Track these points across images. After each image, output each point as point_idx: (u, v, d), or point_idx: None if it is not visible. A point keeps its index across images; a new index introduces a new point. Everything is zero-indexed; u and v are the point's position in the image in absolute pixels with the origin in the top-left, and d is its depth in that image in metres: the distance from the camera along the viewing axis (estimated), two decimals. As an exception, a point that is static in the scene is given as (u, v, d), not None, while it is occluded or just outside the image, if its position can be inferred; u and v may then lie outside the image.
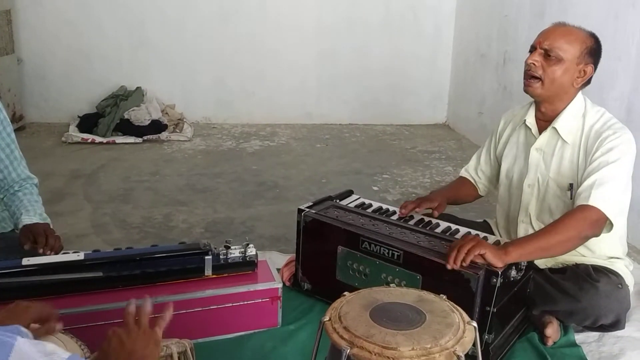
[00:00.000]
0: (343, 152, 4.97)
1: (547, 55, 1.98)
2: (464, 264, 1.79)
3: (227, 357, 1.90)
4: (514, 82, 4.47)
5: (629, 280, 2.11)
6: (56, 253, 1.93)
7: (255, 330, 2.03)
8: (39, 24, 5.30)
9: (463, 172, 2.50)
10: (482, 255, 1.79)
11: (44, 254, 1.89)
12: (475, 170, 2.45)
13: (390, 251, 1.98)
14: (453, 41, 5.90)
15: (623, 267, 2.12)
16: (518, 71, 2.09)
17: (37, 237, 1.92)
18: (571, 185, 2.04)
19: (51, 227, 2.05)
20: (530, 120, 2.17)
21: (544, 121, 2.13)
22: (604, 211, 1.88)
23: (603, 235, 1.99)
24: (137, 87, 5.40)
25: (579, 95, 2.08)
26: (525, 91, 2.08)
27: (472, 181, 2.46)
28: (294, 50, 5.71)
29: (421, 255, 1.90)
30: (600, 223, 1.91)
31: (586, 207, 1.89)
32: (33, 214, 2.01)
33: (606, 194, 1.90)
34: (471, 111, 5.47)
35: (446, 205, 2.32)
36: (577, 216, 1.90)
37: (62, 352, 0.70)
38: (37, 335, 1.24)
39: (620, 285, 2.03)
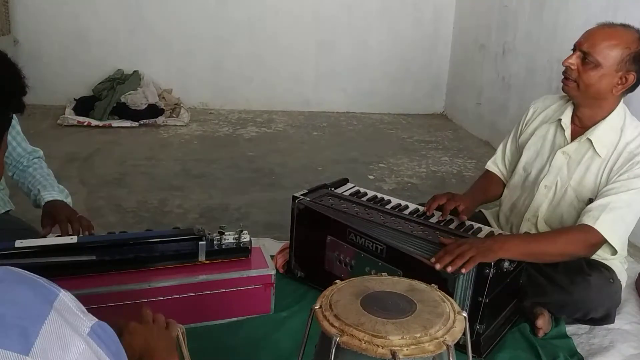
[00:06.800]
0: (340, 141, 4.96)
1: (584, 58, 1.87)
2: (455, 268, 1.75)
3: (219, 342, 1.90)
4: (513, 74, 4.46)
5: (622, 276, 2.10)
6: (89, 232, 1.97)
7: (248, 317, 2.04)
8: (35, 5, 5.24)
9: (490, 165, 2.37)
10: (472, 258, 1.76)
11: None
12: (502, 160, 2.34)
13: (375, 244, 1.97)
14: (452, 31, 5.88)
15: (617, 263, 2.10)
16: (517, 62, 2.07)
17: (60, 223, 1.92)
18: (591, 200, 1.96)
19: (69, 201, 2.04)
20: (566, 121, 2.04)
21: (580, 127, 2.03)
22: (607, 238, 1.85)
23: None
24: (134, 71, 5.37)
25: (620, 105, 1.96)
26: (563, 90, 1.99)
27: (500, 174, 2.34)
28: (292, 37, 5.68)
29: (403, 252, 1.90)
30: (597, 247, 1.90)
31: (590, 229, 1.85)
32: (50, 188, 1.99)
33: (615, 221, 1.85)
34: (469, 101, 5.46)
35: (474, 209, 2.23)
36: (579, 236, 1.87)
37: (90, 315, 0.79)
38: None
39: (611, 280, 2.03)
